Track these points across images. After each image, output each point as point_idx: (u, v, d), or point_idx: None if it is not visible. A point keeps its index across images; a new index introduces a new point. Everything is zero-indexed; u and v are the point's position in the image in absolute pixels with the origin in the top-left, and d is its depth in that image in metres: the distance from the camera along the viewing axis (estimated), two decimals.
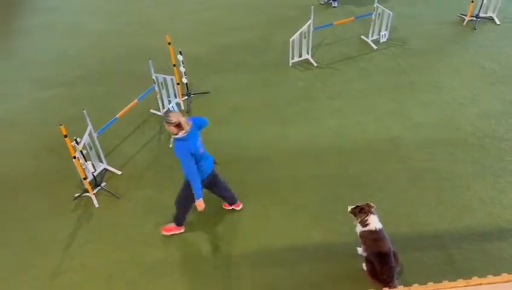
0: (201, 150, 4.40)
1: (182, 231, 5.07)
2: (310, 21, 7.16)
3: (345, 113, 6.52)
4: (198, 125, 4.46)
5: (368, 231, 4.27)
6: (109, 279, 4.67)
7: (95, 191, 5.49)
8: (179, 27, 8.56)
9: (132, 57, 7.83)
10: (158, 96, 6.42)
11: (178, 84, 6.54)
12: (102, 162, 5.79)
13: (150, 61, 6.09)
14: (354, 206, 4.43)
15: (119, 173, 5.79)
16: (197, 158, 4.34)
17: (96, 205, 5.40)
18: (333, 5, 8.98)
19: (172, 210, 4.95)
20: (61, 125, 4.88)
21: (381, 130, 6.19)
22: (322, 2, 9.09)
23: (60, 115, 6.58)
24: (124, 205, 5.42)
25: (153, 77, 6.20)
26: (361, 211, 4.35)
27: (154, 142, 6.23)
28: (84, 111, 5.31)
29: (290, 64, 7.49)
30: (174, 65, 6.48)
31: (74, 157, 5.05)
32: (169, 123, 4.16)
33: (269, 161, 5.85)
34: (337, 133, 6.19)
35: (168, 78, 6.31)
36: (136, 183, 5.67)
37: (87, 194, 5.44)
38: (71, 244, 5.02)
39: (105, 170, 5.81)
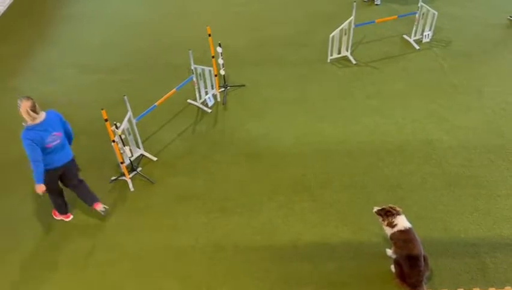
0: (50, 145, 4.55)
1: (70, 218, 5.29)
2: (352, 18, 7.07)
3: (382, 112, 6.42)
4: (64, 128, 4.74)
5: (397, 231, 4.22)
6: (139, 260, 4.83)
7: (131, 175, 5.66)
8: (219, 19, 8.64)
9: (173, 47, 7.99)
10: (196, 87, 6.53)
11: (216, 75, 6.63)
12: (139, 147, 5.97)
13: (190, 51, 6.19)
14: (380, 208, 4.38)
15: (154, 159, 5.95)
16: (45, 151, 4.52)
17: (132, 189, 5.58)
18: (376, 3, 8.81)
19: (203, 197, 5.06)
20: (102, 109, 5.05)
21: (418, 132, 6.06)
22: (365, 0, 8.95)
23: (102, 99, 6.81)
24: (158, 190, 5.57)
25: (192, 68, 6.31)
26: (386, 214, 4.30)
27: (190, 131, 6.36)
28: (125, 97, 5.48)
29: (328, 60, 7.43)
30: (213, 57, 6.56)
31: (113, 142, 5.22)
32: (19, 107, 4.38)
33: (301, 156, 5.85)
34: (373, 133, 6.11)
35: (207, 69, 6.41)
36: (170, 170, 5.81)
37: (124, 177, 5.62)
38: (106, 225, 5.21)
39: (142, 155, 5.98)
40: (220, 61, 6.61)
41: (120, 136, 5.30)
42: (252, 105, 6.73)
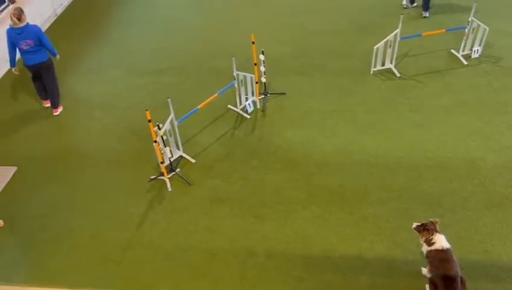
0: (22, 47, 6.40)
1: (47, 105, 7.15)
2: (398, 30, 6.96)
3: (424, 127, 6.27)
4: (39, 40, 6.42)
5: (434, 250, 4.10)
6: (173, 260, 4.94)
7: (169, 175, 5.81)
8: (264, 28, 8.73)
9: (217, 53, 8.14)
10: (237, 93, 6.64)
11: (257, 82, 6.70)
12: (179, 149, 6.12)
13: (233, 58, 6.31)
14: (419, 224, 4.28)
15: (193, 161, 6.08)
16: (21, 50, 6.47)
17: (169, 189, 5.72)
18: (424, 15, 8.63)
19: (238, 201, 5.14)
20: (147, 110, 5.24)
21: (462, 149, 5.87)
22: (404, 6, 8.78)
23: (147, 101, 7.05)
24: (194, 191, 5.68)
25: (234, 74, 6.42)
26: (425, 229, 4.20)
27: (228, 136, 6.45)
28: (169, 100, 5.64)
29: (371, 72, 7.34)
30: (255, 64, 6.64)
31: (155, 142, 5.39)
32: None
33: (339, 167, 5.80)
34: (414, 147, 5.97)
35: (248, 76, 6.50)
36: (207, 172, 5.92)
37: (162, 177, 5.78)
38: (143, 222, 5.37)
39: (181, 157, 6.13)
40: (262, 68, 6.69)
41: (162, 136, 5.46)
42: (291, 113, 6.75)
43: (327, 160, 5.93)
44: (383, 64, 7.35)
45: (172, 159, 5.86)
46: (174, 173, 5.88)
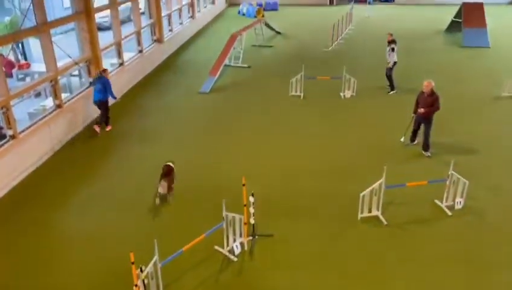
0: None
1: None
2: (382, 179, 7.25)
3: (415, 278, 6.12)
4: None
5: None
6: None
7: None
8: (256, 169, 8.95)
9: (207, 192, 8.20)
10: (225, 234, 6.56)
11: (245, 224, 6.68)
12: None
13: (223, 200, 6.38)
14: None
15: None
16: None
17: None
18: (426, 155, 9.37)
19: None
20: (131, 252, 5.09)
21: None
22: (406, 143, 9.70)
23: (132, 240, 6.88)
24: None
25: (223, 215, 6.43)
26: None
27: (212, 280, 6.19)
28: (155, 241, 5.52)
29: (359, 218, 7.42)
30: (245, 205, 6.69)
31: (136, 286, 5.12)
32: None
33: None
34: None
35: (237, 217, 6.51)
36: None
37: None
38: None
39: None
40: (251, 210, 6.73)
41: (143, 280, 5.21)
42: (278, 256, 6.61)
43: None
44: (369, 211, 7.47)
45: None
46: None
